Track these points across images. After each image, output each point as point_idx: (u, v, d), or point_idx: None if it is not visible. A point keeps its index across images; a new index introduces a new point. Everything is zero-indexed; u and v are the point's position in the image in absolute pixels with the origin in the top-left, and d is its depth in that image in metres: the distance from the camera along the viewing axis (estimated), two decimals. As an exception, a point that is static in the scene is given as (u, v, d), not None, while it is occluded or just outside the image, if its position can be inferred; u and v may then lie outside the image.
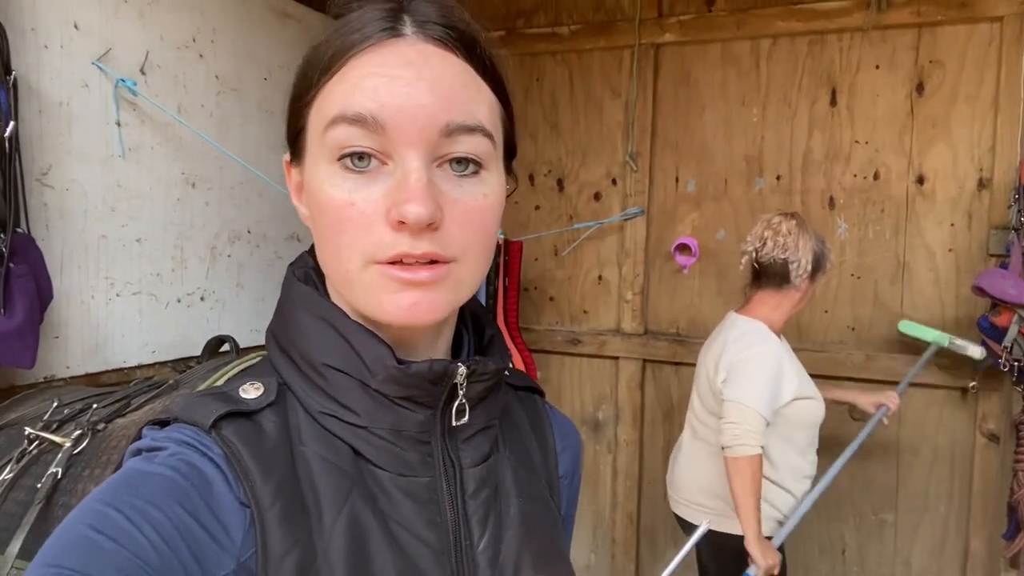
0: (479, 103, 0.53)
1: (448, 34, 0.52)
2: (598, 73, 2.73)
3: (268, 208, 2.29)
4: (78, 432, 1.06)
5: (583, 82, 2.76)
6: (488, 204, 0.54)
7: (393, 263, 0.50)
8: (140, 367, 1.90)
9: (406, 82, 0.50)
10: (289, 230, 2.39)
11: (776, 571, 1.79)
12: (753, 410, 1.79)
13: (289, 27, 2.32)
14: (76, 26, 1.70)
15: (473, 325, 0.65)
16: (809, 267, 1.90)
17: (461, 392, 0.55)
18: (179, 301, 2.02)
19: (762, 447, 1.79)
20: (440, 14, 0.53)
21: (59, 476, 0.97)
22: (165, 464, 0.49)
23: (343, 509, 0.51)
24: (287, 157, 0.59)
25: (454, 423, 0.56)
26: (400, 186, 0.49)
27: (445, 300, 0.52)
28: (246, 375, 0.58)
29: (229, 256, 2.18)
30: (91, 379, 1.77)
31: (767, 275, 1.94)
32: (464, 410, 0.56)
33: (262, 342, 2.26)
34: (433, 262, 0.51)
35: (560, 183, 2.82)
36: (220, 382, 0.98)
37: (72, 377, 1.73)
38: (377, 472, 0.54)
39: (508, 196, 0.60)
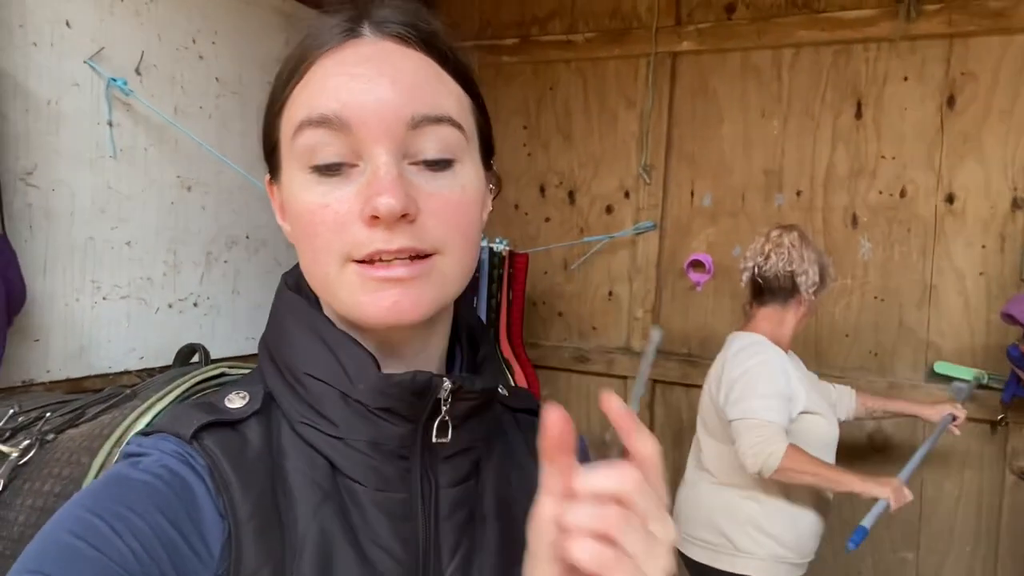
0: (444, 95, 0.53)
1: (407, 31, 0.53)
2: (613, 82, 2.65)
3: (268, 213, 2.21)
4: (26, 442, 1.02)
5: (597, 91, 2.68)
6: (466, 197, 0.53)
7: (370, 262, 0.50)
8: (126, 373, 1.85)
9: (367, 79, 0.50)
10: (290, 237, 2.34)
11: (906, 494, 1.68)
12: (762, 420, 1.67)
13: (296, 30, 2.28)
14: (68, 24, 1.67)
15: (468, 342, 0.63)
16: (817, 279, 1.81)
17: (444, 408, 0.53)
18: (171, 306, 1.97)
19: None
20: (399, 14, 0.54)
21: (0, 488, 0.93)
22: (148, 471, 0.49)
23: (312, 523, 0.51)
24: (268, 177, 0.59)
25: (434, 440, 0.54)
26: (370, 182, 0.49)
27: (428, 296, 0.51)
28: (235, 385, 0.58)
29: (226, 262, 2.14)
30: (73, 384, 1.73)
31: (771, 290, 1.85)
32: (447, 427, 0.54)
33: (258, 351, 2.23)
34: (412, 258, 0.50)
35: (571, 195, 2.73)
36: (177, 392, 0.95)
37: (53, 382, 1.70)
38: (352, 486, 0.53)
39: (494, 199, 0.61)
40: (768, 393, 1.72)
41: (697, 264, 2.52)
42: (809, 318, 1.94)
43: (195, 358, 1.44)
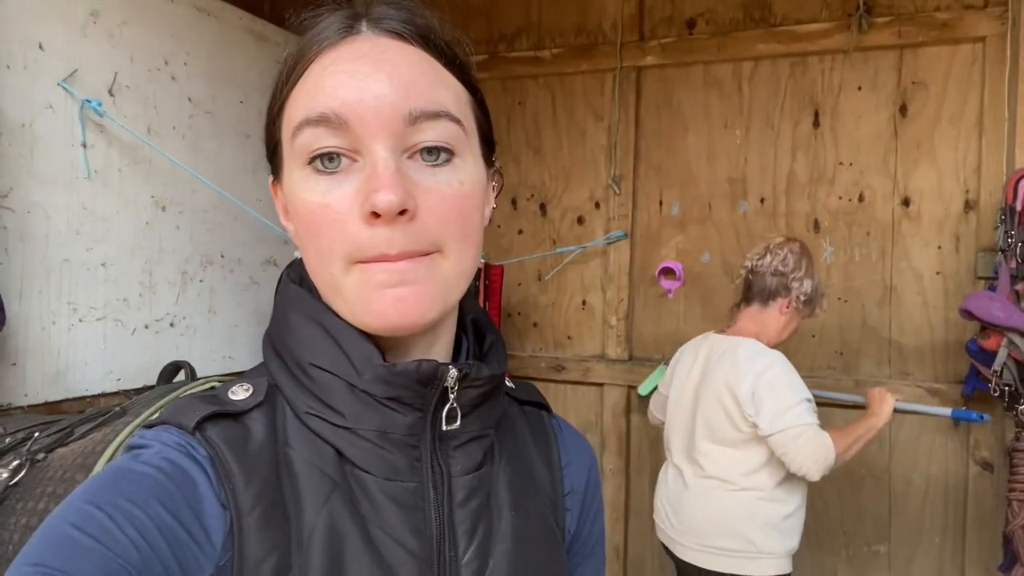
0: (442, 89, 0.53)
1: (403, 27, 0.53)
2: (580, 96, 2.71)
3: (243, 232, 2.24)
4: (16, 462, 1.01)
5: (566, 105, 2.74)
6: (465, 192, 0.53)
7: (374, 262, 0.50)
8: (104, 395, 1.84)
9: (364, 75, 0.50)
10: (265, 255, 2.35)
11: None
12: (800, 427, 1.71)
13: (267, 50, 2.30)
14: (41, 46, 1.67)
15: (474, 332, 0.64)
16: (808, 291, 1.86)
17: (452, 396, 0.53)
18: (147, 327, 1.96)
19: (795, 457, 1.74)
20: (396, 11, 0.54)
21: (-8, 508, 0.92)
22: (149, 463, 0.48)
23: (321, 513, 0.50)
24: (271, 179, 0.59)
25: (443, 428, 0.54)
26: (369, 178, 0.49)
27: (432, 295, 0.51)
28: (238, 379, 0.57)
29: (201, 281, 2.13)
30: (51, 407, 1.71)
31: (759, 287, 1.90)
32: (455, 415, 0.54)
33: (236, 369, 2.22)
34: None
35: (543, 207, 2.78)
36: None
37: (30, 406, 1.67)
38: (362, 475, 0.52)
39: (497, 196, 0.62)
40: (798, 399, 1.75)
41: (668, 271, 2.58)
42: (791, 332, 1.96)
43: (180, 376, 1.44)
